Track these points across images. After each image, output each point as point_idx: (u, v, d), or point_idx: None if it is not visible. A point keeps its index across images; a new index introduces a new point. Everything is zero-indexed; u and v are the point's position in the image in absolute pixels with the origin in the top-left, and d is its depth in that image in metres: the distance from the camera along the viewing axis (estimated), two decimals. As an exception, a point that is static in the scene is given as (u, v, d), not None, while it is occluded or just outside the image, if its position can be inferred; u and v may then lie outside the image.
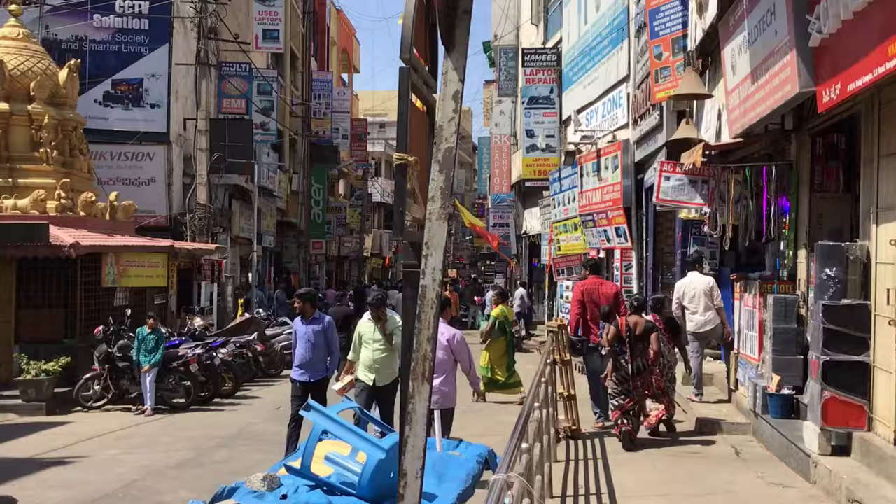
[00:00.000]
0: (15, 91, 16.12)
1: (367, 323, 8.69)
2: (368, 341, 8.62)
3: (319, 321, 9.33)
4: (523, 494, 3.65)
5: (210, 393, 13.72)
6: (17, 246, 13.95)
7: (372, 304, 8.74)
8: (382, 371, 8.50)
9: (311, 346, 9.16)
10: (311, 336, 9.18)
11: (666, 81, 12.85)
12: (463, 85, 2.77)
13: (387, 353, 8.56)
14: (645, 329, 9.28)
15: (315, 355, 9.18)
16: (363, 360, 8.62)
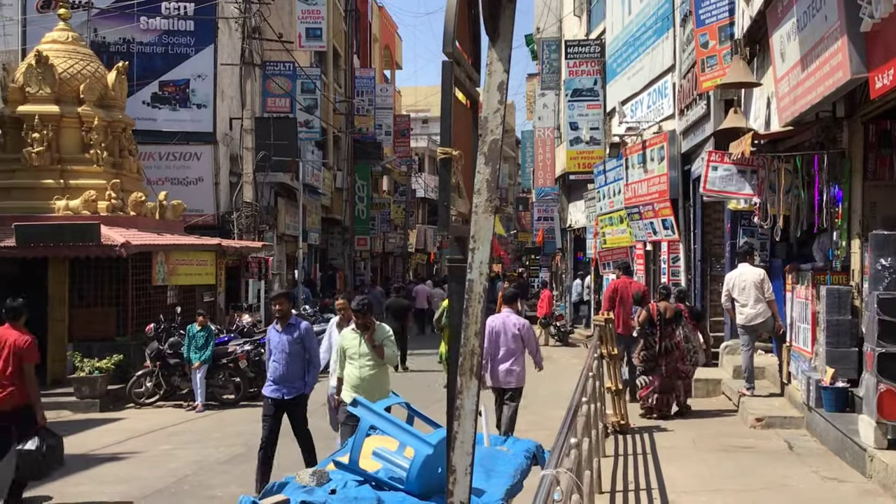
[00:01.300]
0: (65, 94, 16.44)
1: (351, 334, 7.66)
2: (354, 356, 7.58)
3: (296, 328, 8.13)
4: (572, 490, 3.62)
5: (258, 389, 13.87)
6: (69, 246, 14.24)
7: (357, 310, 7.56)
8: (371, 391, 7.21)
9: (286, 357, 8.02)
10: (286, 346, 8.02)
11: (712, 70, 12.64)
12: (508, 76, 2.74)
13: (376, 370, 7.56)
14: (675, 314, 10.68)
15: (291, 368, 8.04)
16: (348, 378, 7.63)
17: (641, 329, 10.72)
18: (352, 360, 7.59)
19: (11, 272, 14.95)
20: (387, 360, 7.61)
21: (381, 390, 7.34)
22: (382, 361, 7.58)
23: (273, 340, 8.15)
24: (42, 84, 16.21)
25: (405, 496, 4.73)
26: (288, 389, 8.06)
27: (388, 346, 7.57)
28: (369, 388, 7.33)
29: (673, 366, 10.52)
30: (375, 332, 7.55)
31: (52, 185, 15.97)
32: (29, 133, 15.95)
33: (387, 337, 7.59)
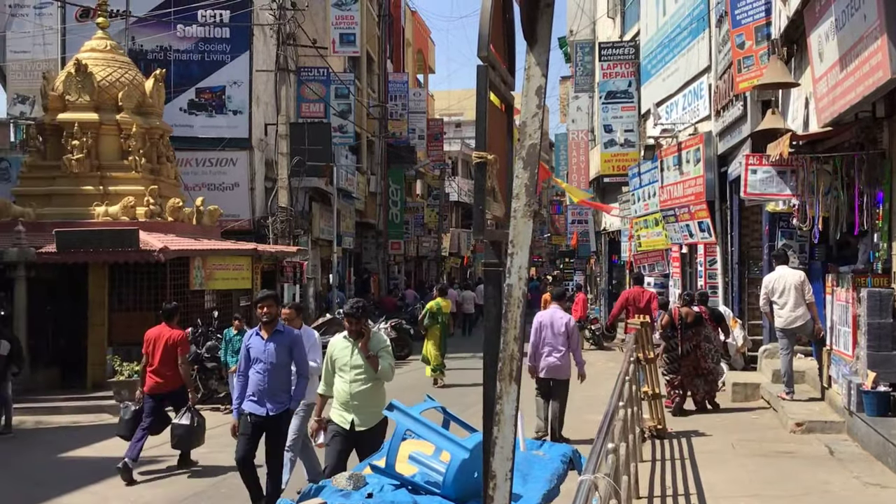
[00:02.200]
0: (104, 101, 16.69)
1: (342, 342, 6.63)
2: (344, 368, 6.56)
3: (286, 335, 7.30)
4: (610, 495, 3.59)
5: (295, 392, 13.96)
6: (109, 251, 14.45)
7: (350, 314, 6.55)
8: (364, 409, 6.48)
9: (271, 368, 7.17)
10: (272, 355, 7.16)
11: (749, 71, 12.51)
12: (546, 79, 2.73)
13: (370, 385, 6.53)
14: (695, 318, 11.35)
15: (275, 381, 7.20)
16: (337, 394, 6.60)
17: (664, 332, 11.46)
18: (342, 373, 6.56)
19: (52, 278, 15.21)
20: (381, 374, 6.52)
21: (375, 406, 6.45)
22: (377, 375, 6.52)
23: (256, 348, 7.23)
24: (81, 92, 16.47)
25: (442, 500, 4.72)
26: (273, 405, 7.18)
27: (384, 358, 6.54)
28: (360, 407, 6.47)
29: (693, 364, 11.28)
30: (370, 341, 6.55)
31: (92, 191, 16.21)
32: (69, 140, 16.21)
33: (383, 347, 6.61)
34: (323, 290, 26.34)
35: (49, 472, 9.62)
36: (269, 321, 7.23)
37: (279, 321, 7.38)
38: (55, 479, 9.17)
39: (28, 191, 16.50)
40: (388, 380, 6.62)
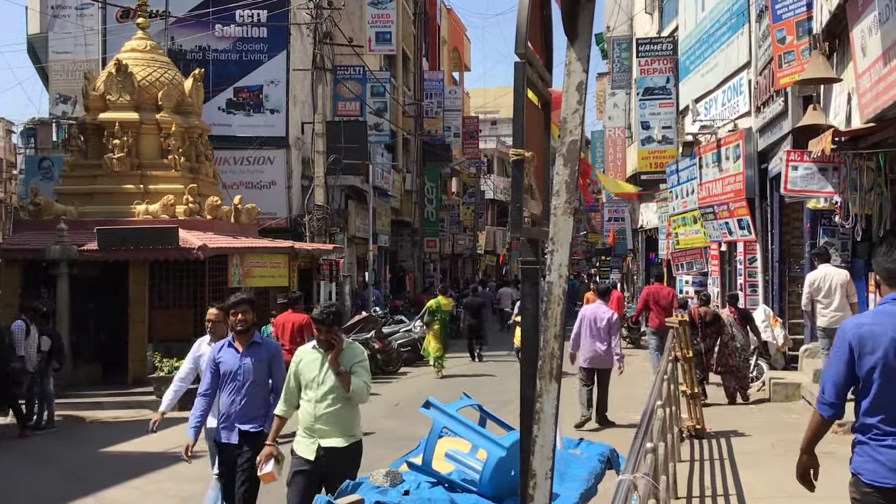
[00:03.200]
0: (144, 101, 16.91)
1: (311, 353, 5.64)
2: (311, 385, 5.54)
3: (264, 348, 6.27)
4: (649, 495, 3.56)
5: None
6: (149, 249, 14.64)
7: (319, 320, 5.54)
8: (332, 434, 5.51)
9: (248, 387, 6.11)
10: (248, 371, 6.11)
11: (790, 66, 12.31)
12: (587, 75, 2.70)
13: (340, 406, 5.51)
14: (713, 317, 12.01)
15: (252, 403, 6.11)
16: (302, 416, 5.59)
17: None
18: (308, 391, 5.53)
19: (94, 275, 15.45)
20: (354, 393, 5.48)
21: (345, 435, 5.52)
22: (348, 395, 5.49)
23: (228, 363, 6.14)
24: (122, 92, 16.70)
25: (478, 498, 4.72)
26: (248, 425, 6.12)
27: (358, 374, 5.51)
28: (329, 432, 5.48)
29: (721, 361, 11.96)
30: (343, 354, 5.55)
31: (132, 190, 16.43)
32: (110, 140, 16.45)
33: (357, 362, 5.57)
34: (359, 288, 26.47)
35: (90, 467, 9.77)
36: (245, 330, 6.15)
37: (255, 331, 6.27)
38: (96, 474, 9.32)
39: (70, 189, 16.79)
40: (362, 401, 5.62)
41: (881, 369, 3.72)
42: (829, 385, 3.89)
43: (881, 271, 4.00)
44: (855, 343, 3.79)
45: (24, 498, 8.63)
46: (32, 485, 9.08)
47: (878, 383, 3.73)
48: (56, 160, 21.72)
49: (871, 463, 3.79)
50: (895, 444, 3.71)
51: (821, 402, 3.97)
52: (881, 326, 3.78)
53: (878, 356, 3.73)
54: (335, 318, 5.57)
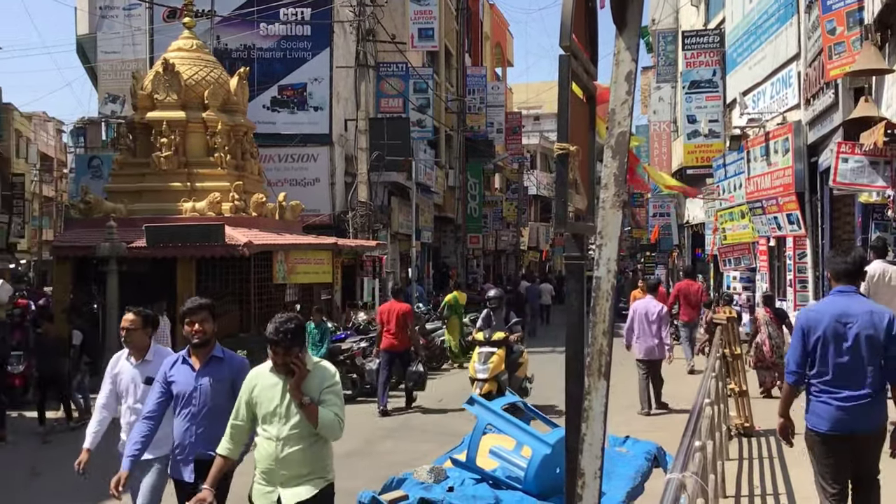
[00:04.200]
0: (190, 100, 17.13)
1: (268, 377, 4.49)
2: (270, 418, 4.42)
3: (227, 365, 5.16)
4: (697, 494, 3.50)
5: (374, 385, 14.07)
6: (196, 246, 14.83)
7: (274, 340, 4.34)
8: (298, 481, 4.40)
9: (207, 411, 5.04)
10: (206, 393, 5.04)
11: (840, 58, 12.04)
12: (636, 65, 2.65)
13: (307, 444, 4.40)
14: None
15: (211, 432, 4.93)
16: (260, 457, 4.47)
17: (708, 327, 13.13)
18: (266, 427, 4.42)
19: (143, 271, 15.69)
20: (323, 429, 4.36)
21: (314, 481, 4.41)
22: (316, 431, 4.36)
23: (180, 383, 5.05)
24: (169, 91, 16.94)
25: (523, 496, 4.70)
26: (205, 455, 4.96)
27: (328, 404, 4.38)
28: (292, 479, 4.37)
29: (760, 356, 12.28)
30: (308, 379, 4.40)
31: (180, 187, 16.66)
32: (157, 138, 16.69)
33: (328, 387, 4.44)
34: (402, 285, 26.52)
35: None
36: (203, 343, 5.08)
37: (216, 344, 5.19)
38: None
39: (119, 187, 17.08)
40: (335, 437, 4.49)
41: (821, 344, 4.93)
42: (792, 360, 5.09)
43: (830, 269, 5.21)
44: (805, 326, 5.02)
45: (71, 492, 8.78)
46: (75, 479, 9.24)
47: (819, 354, 4.94)
48: (105, 159, 22.14)
49: (812, 416, 5.00)
50: (828, 400, 4.91)
51: (787, 373, 5.16)
52: (822, 313, 5.04)
53: (819, 334, 4.93)
54: (294, 336, 4.33)
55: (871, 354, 4.84)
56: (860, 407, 4.83)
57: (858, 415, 4.84)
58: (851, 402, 4.84)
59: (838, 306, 4.98)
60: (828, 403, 4.89)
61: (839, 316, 4.92)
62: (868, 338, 4.84)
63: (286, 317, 4.42)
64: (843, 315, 4.91)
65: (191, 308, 5.14)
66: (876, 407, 4.88)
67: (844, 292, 5.04)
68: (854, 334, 4.85)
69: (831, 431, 4.88)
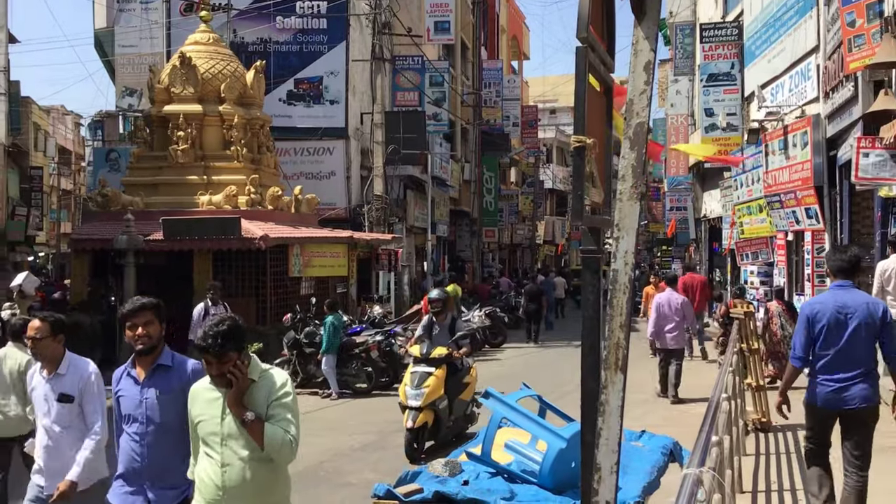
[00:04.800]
0: (207, 93, 17.18)
1: (207, 391, 3.81)
2: (211, 439, 3.76)
3: (176, 373, 4.30)
4: (714, 489, 3.48)
5: (390, 378, 14.07)
6: (212, 239, 14.89)
7: (204, 347, 3.65)
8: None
9: (153, 431, 4.18)
10: (154, 409, 4.18)
11: (860, 50, 11.91)
12: (655, 55, 2.62)
13: (255, 469, 3.73)
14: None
15: (161, 454, 4.17)
16: (201, 483, 3.79)
17: (722, 320, 13.58)
18: (209, 448, 3.76)
19: (160, 264, 15.77)
20: (270, 449, 3.67)
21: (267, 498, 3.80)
22: (266, 454, 3.69)
23: (128, 398, 4.25)
24: (186, 84, 17.00)
25: (538, 489, 4.68)
26: (158, 495, 4.17)
27: (277, 420, 3.68)
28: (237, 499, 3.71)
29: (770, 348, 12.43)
30: (252, 391, 3.74)
31: (196, 180, 16.72)
32: (174, 131, 16.76)
33: (276, 400, 3.74)
34: (417, 278, 26.56)
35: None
36: (147, 350, 4.27)
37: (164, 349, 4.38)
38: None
39: (136, 180, 17.16)
40: (287, 459, 3.82)
41: (824, 332, 5.62)
42: (797, 345, 5.78)
43: (830, 266, 5.93)
44: (810, 315, 5.70)
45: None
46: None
47: (821, 341, 5.64)
48: (123, 152, 22.25)
49: (811, 394, 5.75)
50: (825, 382, 5.64)
51: (793, 357, 5.84)
52: (825, 304, 5.72)
53: (822, 323, 5.62)
54: (227, 340, 3.64)
55: (867, 340, 5.57)
56: (852, 387, 5.55)
57: (850, 394, 5.56)
58: (846, 382, 5.56)
59: (839, 299, 5.65)
60: (822, 385, 5.65)
61: (840, 307, 5.59)
62: (866, 326, 5.55)
63: (219, 318, 3.79)
64: (843, 306, 5.59)
65: (132, 309, 4.26)
66: (862, 386, 5.56)
67: (842, 286, 5.72)
68: (854, 324, 5.55)
69: (822, 406, 5.68)
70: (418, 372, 9.20)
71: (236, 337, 3.73)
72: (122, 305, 4.39)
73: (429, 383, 9.04)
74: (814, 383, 5.72)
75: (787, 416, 6.10)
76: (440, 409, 9.13)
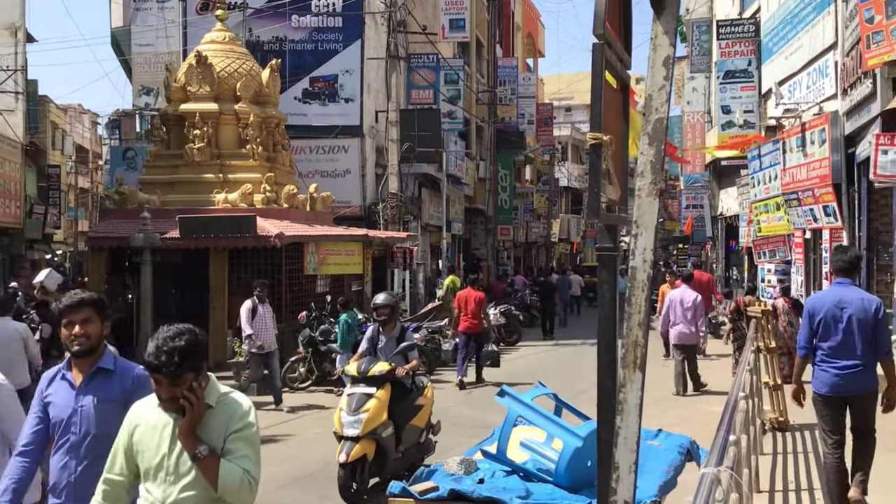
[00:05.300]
0: (223, 92, 17.23)
1: (154, 415, 3.22)
2: (154, 473, 3.17)
3: (116, 378, 3.81)
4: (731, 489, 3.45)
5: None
6: (228, 237, 14.94)
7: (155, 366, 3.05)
8: None
9: (87, 444, 3.71)
10: (87, 419, 3.71)
11: (879, 47, 11.81)
12: (674, 50, 2.60)
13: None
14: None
15: (94, 468, 3.55)
16: None
17: (732, 316, 13.51)
18: (149, 486, 3.17)
19: (176, 262, 15.84)
20: (224, 491, 3.10)
21: None
22: (217, 494, 3.11)
23: (58, 404, 3.75)
24: (202, 83, 17.05)
25: (554, 488, 4.67)
26: None
27: (234, 455, 3.13)
28: None
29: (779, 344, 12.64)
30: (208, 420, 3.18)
31: (212, 179, 16.78)
32: (190, 130, 16.81)
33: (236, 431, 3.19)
34: (432, 276, 26.57)
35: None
36: (85, 351, 3.76)
37: (106, 351, 3.86)
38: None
39: (153, 179, 17.24)
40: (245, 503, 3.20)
41: (823, 324, 6.12)
42: (801, 338, 6.36)
43: (833, 265, 6.46)
44: (811, 310, 6.25)
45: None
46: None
47: (821, 332, 6.13)
48: (139, 150, 22.37)
49: (816, 381, 6.20)
50: (828, 369, 6.10)
51: (799, 347, 6.43)
52: (824, 299, 6.30)
53: (821, 317, 6.13)
54: (186, 358, 3.06)
55: (861, 333, 6.00)
56: (852, 374, 6.02)
57: (851, 380, 6.03)
58: (846, 370, 6.02)
59: (837, 294, 6.20)
60: (827, 371, 6.09)
61: (837, 302, 6.10)
62: (859, 320, 6.01)
63: (174, 330, 3.12)
64: (840, 301, 6.09)
65: (69, 304, 3.75)
66: (865, 373, 6.03)
67: (842, 283, 6.27)
68: (847, 316, 6.02)
69: (830, 393, 6.09)
70: (356, 394, 7.64)
71: (195, 354, 3.11)
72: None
73: (368, 407, 7.49)
74: (820, 373, 6.14)
75: (803, 405, 6.43)
76: (384, 438, 7.53)
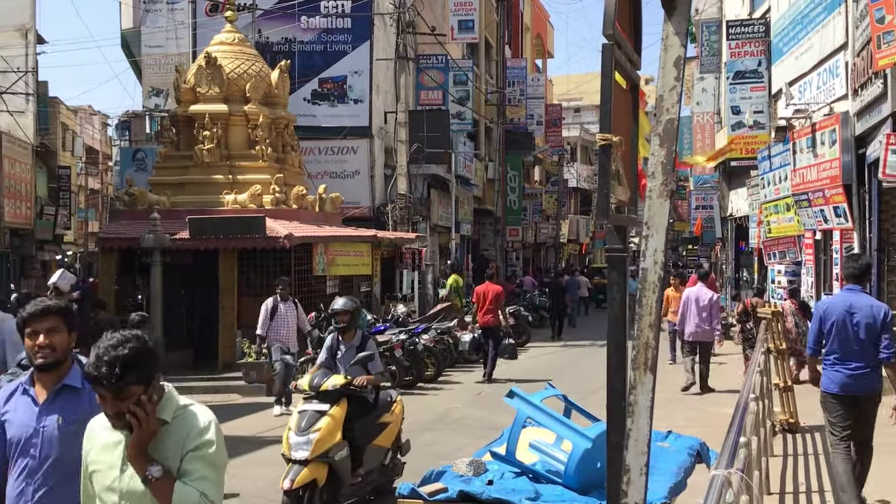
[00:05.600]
0: (232, 93, 17.27)
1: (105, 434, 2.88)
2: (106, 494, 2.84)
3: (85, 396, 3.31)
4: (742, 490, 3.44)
5: (413, 378, 14.09)
6: (237, 238, 14.97)
7: (95, 377, 2.67)
8: None
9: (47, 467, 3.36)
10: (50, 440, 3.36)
11: (890, 47, 11.76)
12: (685, 50, 2.59)
13: None
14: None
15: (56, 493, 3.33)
16: None
17: (740, 317, 14.04)
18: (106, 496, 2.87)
19: (186, 263, 15.88)
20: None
21: None
22: None
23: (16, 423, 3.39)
24: (211, 84, 17.09)
25: (563, 490, 4.66)
26: None
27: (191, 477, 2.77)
28: None
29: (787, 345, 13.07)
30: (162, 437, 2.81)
31: (222, 180, 16.81)
32: (200, 131, 16.86)
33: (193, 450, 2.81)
34: (441, 277, 26.55)
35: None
36: (50, 365, 3.39)
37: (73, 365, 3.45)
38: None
39: (163, 180, 17.29)
40: None
41: (834, 328, 6.46)
42: (811, 339, 6.83)
43: (844, 272, 6.82)
44: (822, 314, 6.62)
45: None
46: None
47: (832, 336, 6.49)
48: (149, 151, 22.45)
49: (826, 381, 6.59)
50: (839, 370, 6.46)
51: (808, 347, 6.93)
52: (835, 304, 6.64)
53: (832, 320, 6.47)
54: (129, 369, 2.69)
55: (869, 337, 6.33)
56: (861, 376, 6.39)
57: (859, 381, 6.40)
58: (857, 371, 6.38)
59: (847, 300, 6.50)
60: (839, 372, 6.45)
61: (848, 307, 6.40)
62: (867, 325, 6.33)
63: (118, 338, 2.73)
64: (850, 307, 6.40)
65: (32, 312, 3.40)
66: (871, 376, 6.44)
67: (852, 290, 6.59)
68: (856, 321, 6.35)
69: (841, 392, 6.45)
70: (307, 411, 6.84)
71: (142, 364, 2.72)
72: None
73: (319, 426, 6.68)
74: (832, 374, 6.48)
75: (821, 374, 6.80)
76: (337, 462, 6.72)
